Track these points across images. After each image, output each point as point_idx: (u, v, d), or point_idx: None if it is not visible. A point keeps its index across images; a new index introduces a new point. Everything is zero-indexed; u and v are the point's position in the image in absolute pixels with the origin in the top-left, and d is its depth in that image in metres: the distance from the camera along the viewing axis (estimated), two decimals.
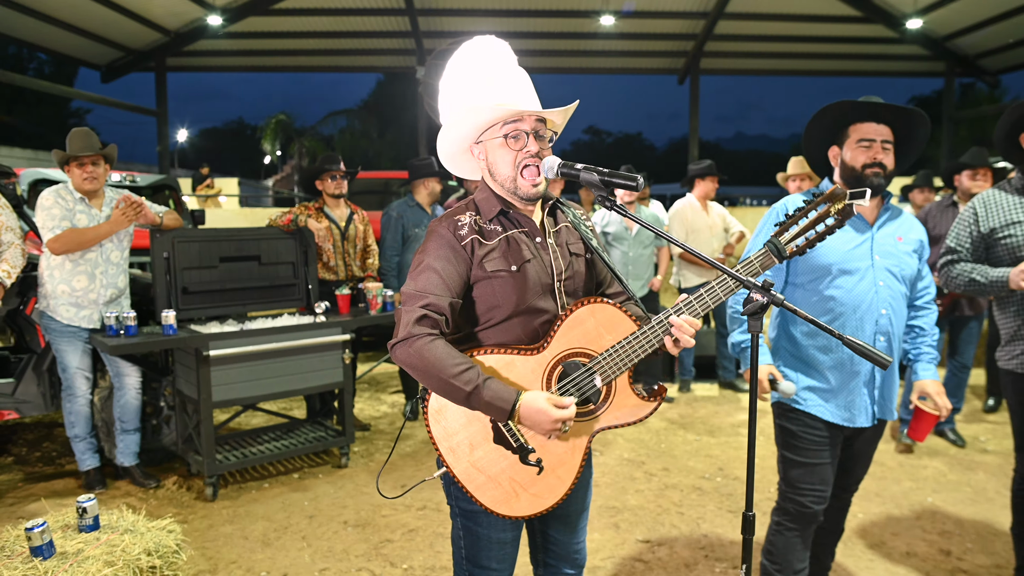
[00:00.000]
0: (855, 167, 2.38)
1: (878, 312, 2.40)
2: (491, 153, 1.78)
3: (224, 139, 54.11)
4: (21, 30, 14.41)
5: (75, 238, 3.77)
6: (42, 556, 2.43)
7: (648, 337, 1.75)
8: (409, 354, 1.65)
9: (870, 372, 2.45)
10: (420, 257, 1.75)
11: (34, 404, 4.24)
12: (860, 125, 2.39)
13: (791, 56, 17.07)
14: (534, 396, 1.66)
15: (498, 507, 1.77)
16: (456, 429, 1.76)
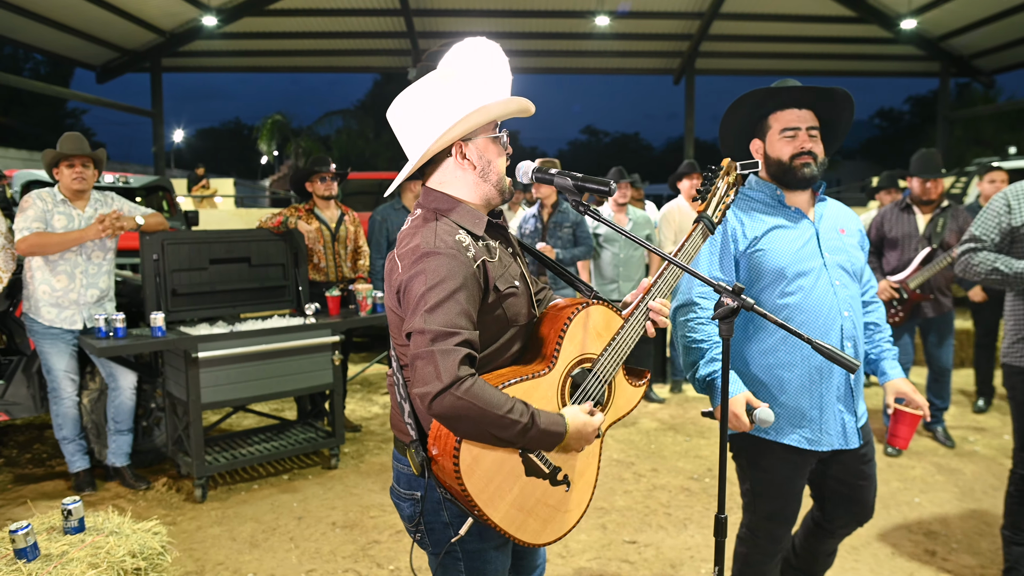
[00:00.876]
0: (782, 159, 2.20)
1: (840, 315, 2.18)
2: (485, 151, 1.66)
3: (221, 139, 53.97)
4: (17, 31, 14.39)
5: (39, 241, 3.76)
6: (26, 558, 2.43)
7: (635, 328, 1.79)
8: (459, 402, 1.44)
9: (843, 384, 2.21)
10: (433, 287, 1.51)
11: (24, 406, 4.25)
12: (780, 113, 2.21)
13: (786, 56, 17.13)
14: (573, 413, 1.60)
15: (538, 539, 1.70)
16: (492, 475, 1.60)
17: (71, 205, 3.92)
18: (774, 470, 2.26)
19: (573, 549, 3.43)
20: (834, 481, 2.34)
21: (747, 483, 2.37)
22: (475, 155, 1.66)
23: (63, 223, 3.87)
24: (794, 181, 2.21)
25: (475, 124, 1.61)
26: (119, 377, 4.01)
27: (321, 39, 16.92)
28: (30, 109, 32.57)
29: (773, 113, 2.22)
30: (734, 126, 2.30)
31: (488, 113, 1.62)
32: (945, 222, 4.70)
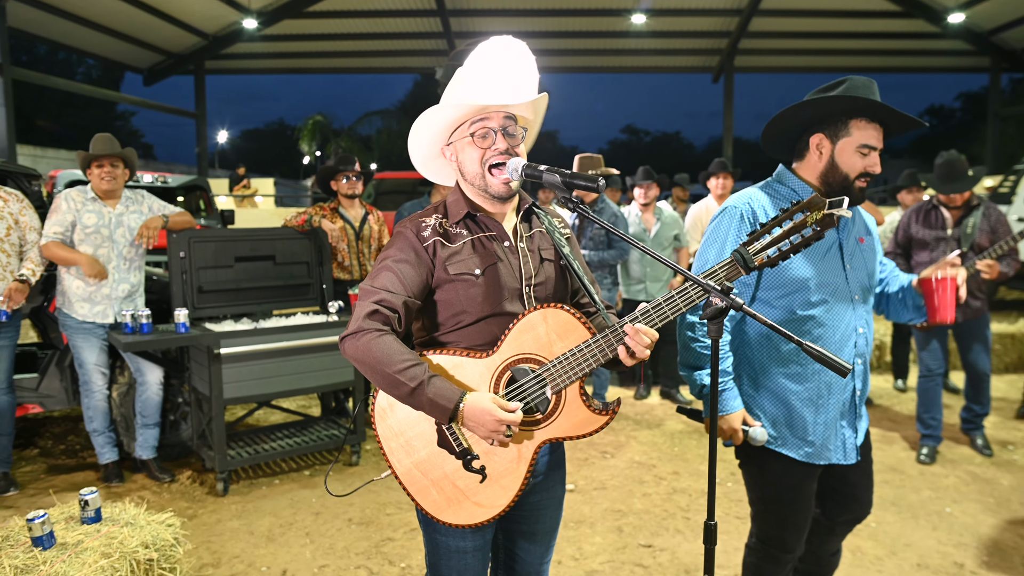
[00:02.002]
0: (848, 173, 2.09)
1: (856, 332, 2.15)
2: (460, 153, 1.76)
3: (265, 140, 55.07)
4: (70, 36, 14.90)
5: (50, 252, 3.91)
6: (42, 546, 2.50)
7: (601, 346, 1.67)
8: (356, 347, 1.63)
9: (848, 400, 2.18)
10: (381, 257, 1.75)
11: (57, 399, 4.38)
12: (866, 125, 2.07)
13: (828, 53, 16.77)
14: (479, 396, 1.62)
15: (439, 513, 1.73)
16: (402, 429, 1.73)
17: (102, 203, 4.03)
18: (783, 477, 2.22)
19: (586, 551, 3.40)
20: (835, 481, 2.34)
21: (756, 491, 2.34)
22: (454, 155, 1.80)
23: (94, 220, 3.98)
24: (847, 194, 2.11)
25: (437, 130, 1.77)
26: (146, 372, 4.10)
27: (358, 40, 17.14)
28: (82, 111, 33.67)
29: (857, 120, 2.08)
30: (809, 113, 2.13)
31: (437, 119, 1.74)
32: (975, 222, 4.42)
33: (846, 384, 2.16)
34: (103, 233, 4.00)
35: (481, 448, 1.71)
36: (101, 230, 4.00)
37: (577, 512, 3.82)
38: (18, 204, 3.95)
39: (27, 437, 4.95)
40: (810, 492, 2.26)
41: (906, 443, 4.89)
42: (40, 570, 2.40)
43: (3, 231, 3.86)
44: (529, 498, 1.89)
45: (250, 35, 16.03)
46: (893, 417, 5.49)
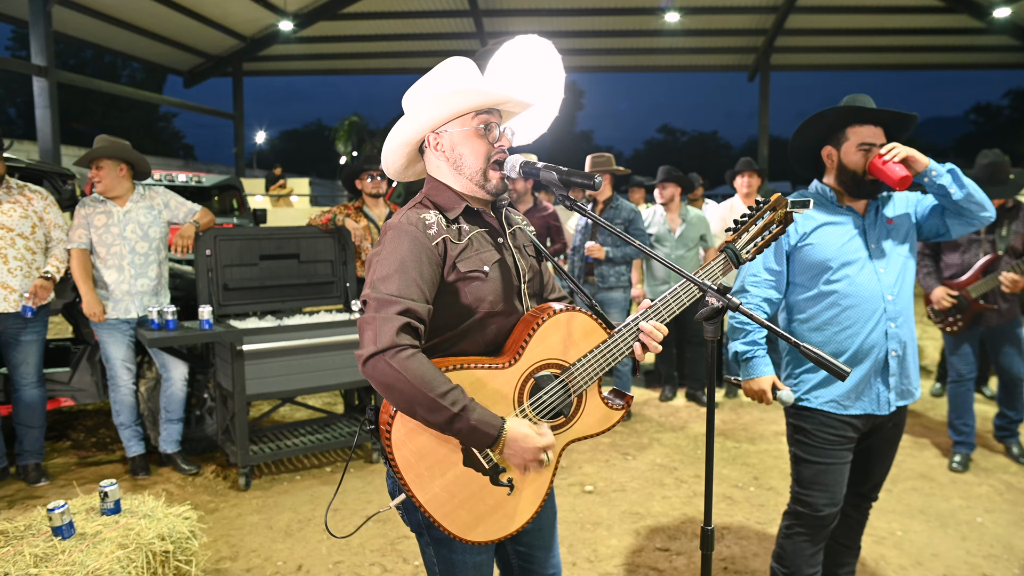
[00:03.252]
0: (855, 170, 2.40)
1: (884, 299, 2.38)
2: (459, 144, 1.69)
3: (303, 140, 55.86)
4: (114, 41, 15.28)
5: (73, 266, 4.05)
6: (62, 536, 2.56)
7: (619, 345, 1.71)
8: (389, 369, 1.46)
9: (883, 361, 2.40)
10: (388, 259, 1.57)
11: (88, 392, 4.49)
12: (859, 127, 2.40)
13: (868, 50, 16.41)
14: (518, 425, 1.56)
15: (467, 534, 1.66)
16: (424, 454, 1.60)
17: (111, 203, 4.11)
18: (813, 434, 2.46)
19: (601, 554, 3.37)
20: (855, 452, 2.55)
21: (792, 447, 2.57)
22: (448, 146, 1.70)
23: (103, 221, 4.07)
24: (861, 193, 2.42)
25: (440, 114, 1.66)
26: (171, 368, 4.18)
27: (393, 41, 17.28)
28: (126, 113, 34.56)
29: (852, 126, 2.41)
30: (812, 132, 2.51)
31: (448, 103, 1.64)
32: (1011, 225, 4.30)
33: (880, 345, 2.38)
34: (113, 232, 4.08)
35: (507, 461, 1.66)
36: (111, 229, 4.08)
37: (594, 514, 3.80)
38: (42, 202, 4.06)
39: (60, 430, 5.08)
40: (841, 456, 2.45)
41: (938, 450, 4.75)
42: (59, 559, 2.46)
43: (28, 229, 3.97)
44: None
45: (286, 37, 16.27)
46: (927, 423, 5.34)
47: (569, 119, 54.65)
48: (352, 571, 3.20)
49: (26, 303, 3.85)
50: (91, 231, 4.06)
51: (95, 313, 4.00)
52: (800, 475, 2.52)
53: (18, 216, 3.92)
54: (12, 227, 3.89)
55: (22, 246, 3.92)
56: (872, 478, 2.63)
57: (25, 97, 12.00)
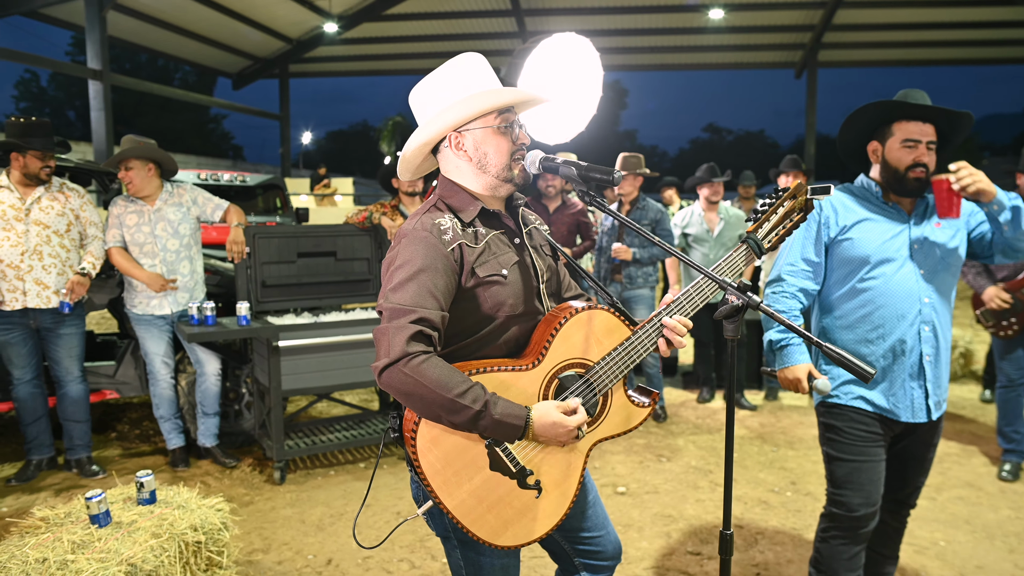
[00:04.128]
0: (899, 168, 2.34)
1: (920, 301, 2.34)
2: (482, 143, 1.67)
3: (349, 141, 56.69)
4: (166, 44, 15.72)
5: (118, 260, 4.15)
6: (98, 524, 2.64)
7: (643, 341, 1.69)
8: (404, 377, 1.46)
9: (917, 364, 2.36)
10: (401, 266, 1.57)
11: (131, 386, 4.62)
12: (905, 123, 2.33)
13: (920, 45, 15.91)
14: (545, 408, 1.55)
15: (496, 539, 1.64)
16: (451, 459, 1.59)
17: (141, 202, 4.20)
18: (844, 431, 2.42)
19: (631, 556, 3.33)
20: (890, 455, 2.51)
21: (824, 447, 2.53)
22: (471, 146, 1.68)
23: (134, 220, 4.17)
24: (903, 190, 2.36)
25: (465, 114, 1.63)
26: (205, 363, 4.27)
27: (436, 42, 17.40)
28: (178, 115, 35.53)
29: (898, 122, 2.35)
30: (859, 126, 2.45)
31: (476, 103, 1.62)
32: None
33: (912, 348, 2.34)
34: (144, 231, 4.17)
35: (534, 462, 1.65)
36: (143, 228, 4.17)
37: (626, 515, 3.75)
38: (79, 200, 4.17)
39: (107, 422, 5.24)
40: (874, 454, 2.40)
41: (987, 458, 4.58)
42: (95, 546, 2.53)
43: (64, 227, 4.08)
44: None
45: (331, 39, 16.52)
46: (975, 430, 5.15)
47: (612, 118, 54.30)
48: (381, 567, 3.22)
49: (63, 299, 3.96)
50: (123, 230, 4.16)
51: (162, 285, 4.11)
52: (833, 475, 2.47)
53: (55, 214, 4.04)
54: (49, 224, 4.02)
55: (57, 243, 4.04)
56: (909, 483, 2.56)
57: (83, 100, 12.45)
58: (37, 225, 3.99)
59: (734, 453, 4.66)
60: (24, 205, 3.97)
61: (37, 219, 3.99)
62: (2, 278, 3.93)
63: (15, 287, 3.94)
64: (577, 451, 1.71)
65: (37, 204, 4.00)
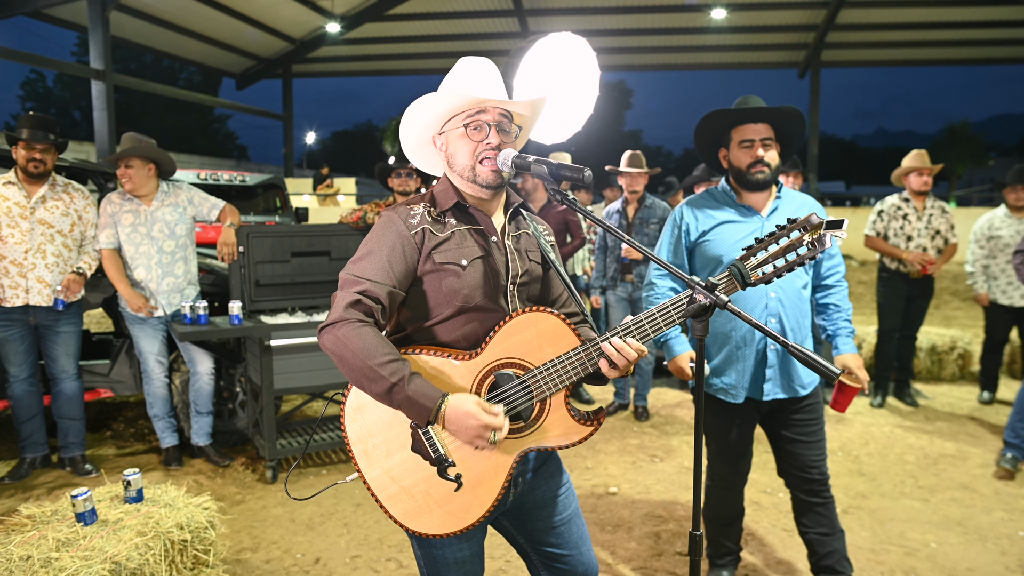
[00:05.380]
0: (740, 167, 2.58)
1: (767, 296, 2.57)
2: (451, 143, 1.75)
3: (353, 141, 56.78)
4: (169, 45, 15.77)
5: (107, 265, 4.15)
6: (84, 522, 2.65)
7: (591, 354, 1.63)
8: (334, 340, 1.55)
9: (762, 352, 2.62)
10: (365, 243, 1.68)
11: (126, 384, 4.63)
12: (740, 127, 2.58)
13: (927, 45, 15.84)
14: (462, 398, 1.56)
15: (408, 521, 1.66)
16: (373, 431, 1.64)
17: (138, 202, 4.19)
18: (715, 417, 2.77)
19: (619, 556, 3.32)
20: (774, 435, 2.80)
21: (706, 428, 2.83)
22: (445, 146, 1.78)
23: (130, 220, 4.17)
24: (750, 185, 2.60)
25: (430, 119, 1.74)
26: (197, 362, 4.28)
27: (438, 42, 17.42)
28: (183, 115, 35.66)
29: (735, 127, 2.61)
30: (706, 139, 2.71)
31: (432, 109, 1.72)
32: None
33: (759, 338, 2.61)
34: (140, 232, 4.18)
35: (458, 456, 1.64)
36: (139, 228, 4.18)
37: (615, 515, 3.75)
38: (83, 201, 4.19)
39: (102, 420, 5.26)
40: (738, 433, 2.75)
41: (983, 460, 4.55)
42: (79, 544, 2.54)
43: (67, 227, 4.10)
44: (528, 498, 1.84)
45: (334, 39, 16.55)
46: (972, 431, 5.13)
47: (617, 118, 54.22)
48: (368, 565, 3.23)
49: (58, 296, 3.98)
50: (118, 229, 4.17)
51: (139, 306, 4.11)
52: (708, 449, 2.89)
53: (59, 213, 4.06)
54: (53, 224, 4.03)
55: (60, 243, 4.06)
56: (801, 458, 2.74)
57: (88, 101, 12.51)
58: (42, 224, 4.01)
59: None
60: (29, 203, 3.98)
61: (42, 218, 4.01)
62: (4, 274, 3.95)
63: (17, 284, 3.96)
64: (504, 455, 1.66)
65: (42, 203, 4.02)
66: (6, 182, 3.99)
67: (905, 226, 5.44)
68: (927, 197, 5.48)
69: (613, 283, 5.36)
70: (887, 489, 4.11)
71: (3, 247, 3.93)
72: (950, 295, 11.83)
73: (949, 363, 6.44)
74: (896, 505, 3.89)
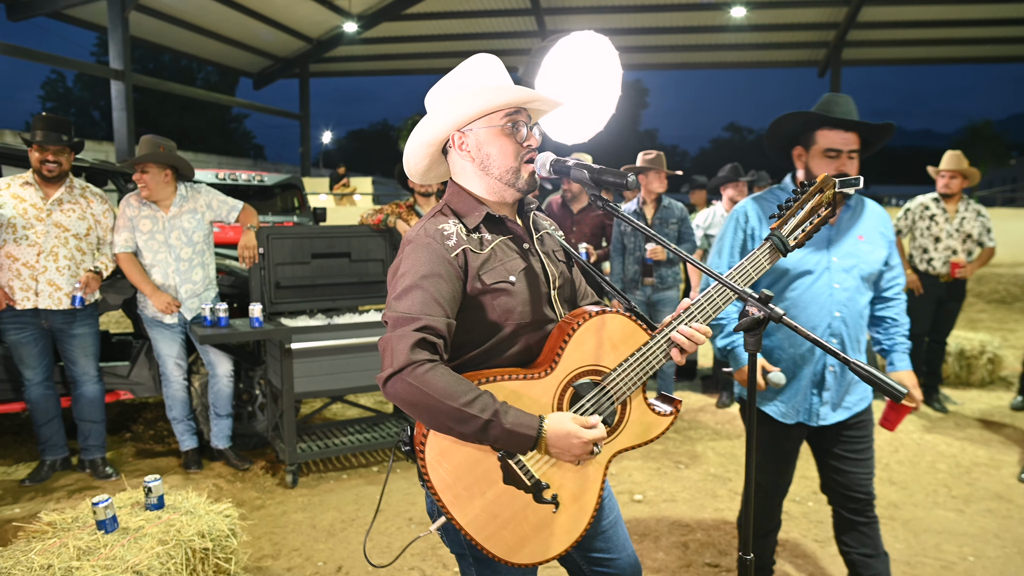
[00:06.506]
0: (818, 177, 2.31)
1: (831, 315, 2.42)
2: (485, 143, 1.61)
3: (369, 140, 56.94)
4: (188, 45, 15.83)
5: (127, 268, 4.10)
6: (105, 529, 2.60)
7: (661, 346, 1.62)
8: (408, 387, 1.41)
9: (819, 374, 2.48)
10: (404, 274, 1.53)
11: (145, 386, 4.60)
12: (828, 132, 2.37)
13: (949, 43, 15.60)
14: (559, 419, 1.48)
15: (512, 556, 1.57)
16: (461, 473, 1.52)
17: (155, 207, 4.14)
18: (760, 427, 2.61)
19: (647, 566, 3.24)
20: (820, 450, 2.64)
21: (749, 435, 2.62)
22: (473, 145, 1.63)
23: (148, 227, 4.12)
24: None
25: (467, 111, 1.58)
26: (216, 365, 4.24)
27: (455, 41, 17.37)
28: (200, 114, 35.89)
29: (821, 130, 2.38)
30: (782, 132, 2.50)
31: (477, 100, 1.57)
32: None
33: (818, 358, 2.46)
34: (158, 239, 4.13)
35: (549, 475, 1.57)
36: (156, 236, 4.13)
37: (642, 525, 3.67)
38: (101, 206, 4.15)
39: (121, 422, 5.24)
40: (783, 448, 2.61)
41: (1017, 468, 4.43)
42: (100, 552, 2.50)
43: (84, 230, 4.06)
44: None
45: (351, 38, 16.55)
46: (1005, 438, 5.00)
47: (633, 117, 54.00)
48: (390, 574, 3.17)
49: (76, 292, 3.93)
50: (137, 235, 4.12)
51: (166, 305, 4.07)
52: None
53: (76, 217, 4.02)
54: (68, 227, 4.00)
55: (74, 246, 4.02)
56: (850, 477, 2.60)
57: (108, 101, 12.58)
58: (57, 227, 3.97)
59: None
60: (45, 205, 3.95)
61: (57, 221, 3.97)
62: (16, 276, 3.92)
63: (28, 286, 3.93)
64: (595, 463, 1.64)
65: (58, 206, 3.99)
66: (24, 182, 3.96)
67: (932, 227, 5.32)
68: (960, 199, 5.36)
69: (633, 285, 5.27)
70: (919, 499, 4.00)
71: (16, 249, 3.90)
72: (975, 297, 11.62)
73: (979, 368, 6.30)
74: (929, 516, 3.79)
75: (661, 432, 1.69)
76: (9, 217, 3.87)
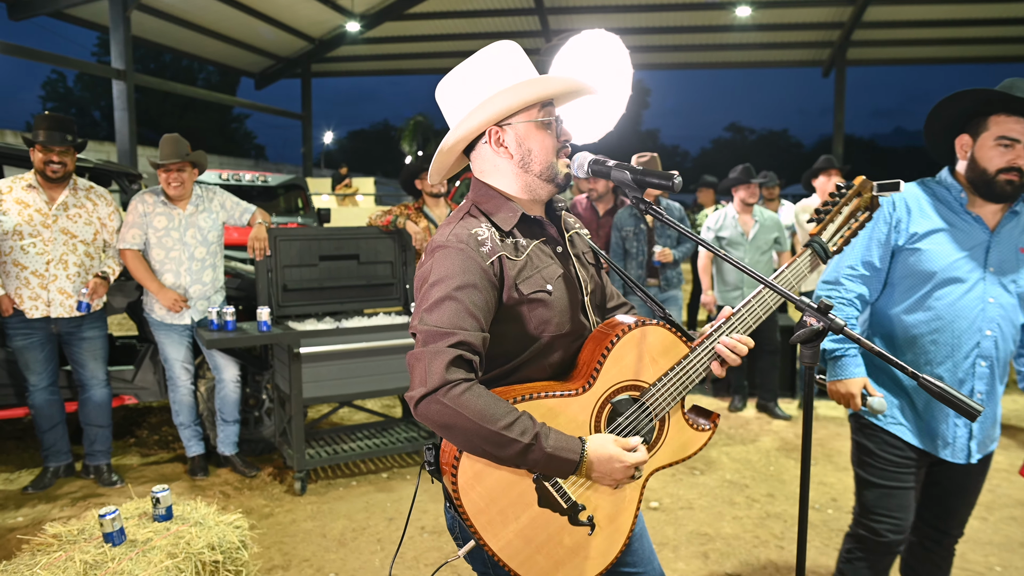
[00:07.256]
0: (987, 169, 2.03)
1: (981, 333, 2.09)
2: (527, 138, 1.50)
3: (370, 141, 56.81)
4: (189, 44, 15.74)
5: (133, 265, 4.02)
6: (112, 542, 2.52)
7: (703, 360, 1.55)
8: (444, 408, 1.30)
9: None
10: (436, 283, 1.40)
11: (151, 391, 4.52)
12: (1003, 118, 2.00)
13: (957, 42, 15.49)
14: (601, 441, 1.40)
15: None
16: (495, 496, 1.42)
17: (172, 205, 4.08)
18: (878, 456, 2.26)
19: None
20: (930, 482, 2.34)
21: (856, 468, 2.38)
22: (513, 142, 1.51)
23: (164, 224, 4.05)
24: (991, 195, 2.07)
25: (510, 104, 1.47)
26: (223, 370, 4.16)
27: (458, 41, 17.28)
28: (202, 114, 35.81)
29: (996, 115, 2.02)
30: (949, 114, 2.13)
31: (523, 92, 1.46)
32: None
33: (963, 381, 2.14)
34: (173, 236, 4.06)
35: (585, 496, 1.50)
36: (171, 233, 4.06)
37: (660, 533, 3.59)
38: (107, 208, 4.07)
39: (126, 427, 5.15)
40: (906, 481, 2.24)
41: None
42: (107, 567, 2.41)
43: (90, 235, 3.98)
44: None
45: (353, 38, 16.46)
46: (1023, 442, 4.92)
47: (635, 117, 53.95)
48: None
49: (82, 298, 3.85)
50: (150, 232, 4.05)
51: (173, 302, 4.00)
52: (863, 497, 2.33)
53: (83, 222, 3.94)
54: (76, 233, 3.92)
55: (83, 252, 3.94)
56: (952, 513, 2.36)
57: (109, 101, 12.49)
58: (64, 234, 3.89)
59: (768, 466, 4.44)
60: (51, 210, 3.87)
61: (64, 227, 3.89)
62: (25, 285, 3.83)
63: (37, 295, 3.85)
64: (634, 483, 1.57)
65: (64, 211, 3.90)
66: (27, 185, 3.86)
67: None
68: None
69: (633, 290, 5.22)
70: None
71: (24, 257, 3.82)
72: None
73: None
74: None
75: (699, 448, 1.62)
76: (14, 224, 3.79)
